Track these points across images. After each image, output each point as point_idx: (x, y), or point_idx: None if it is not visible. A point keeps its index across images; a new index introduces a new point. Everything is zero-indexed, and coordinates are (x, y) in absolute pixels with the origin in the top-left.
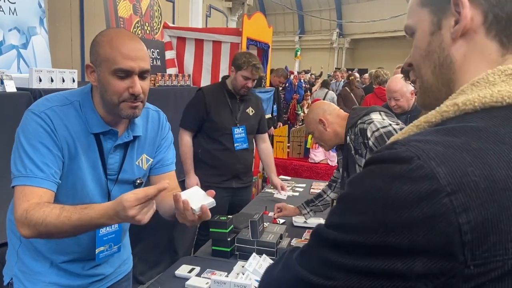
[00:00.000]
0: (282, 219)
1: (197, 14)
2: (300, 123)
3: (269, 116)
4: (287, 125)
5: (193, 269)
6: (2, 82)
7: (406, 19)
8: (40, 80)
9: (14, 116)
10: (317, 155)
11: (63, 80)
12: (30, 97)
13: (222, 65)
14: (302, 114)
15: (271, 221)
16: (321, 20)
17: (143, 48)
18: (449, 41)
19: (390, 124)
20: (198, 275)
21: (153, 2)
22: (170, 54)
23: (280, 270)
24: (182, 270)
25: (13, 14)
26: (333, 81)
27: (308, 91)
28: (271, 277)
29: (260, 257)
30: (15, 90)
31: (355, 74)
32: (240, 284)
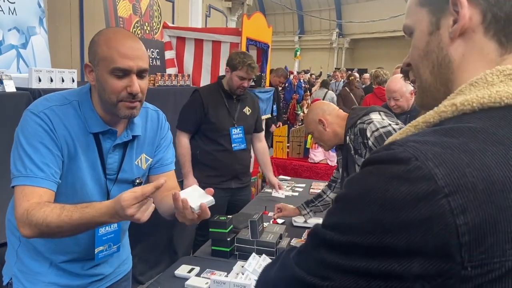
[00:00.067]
0: (282, 219)
1: (197, 14)
2: (300, 123)
3: (269, 116)
4: (287, 125)
5: (193, 269)
6: (2, 82)
7: (405, 19)
8: (40, 80)
9: (14, 116)
10: (317, 155)
11: (63, 80)
12: (30, 97)
13: (222, 65)
14: (302, 114)
15: (271, 221)
16: (321, 20)
17: (141, 47)
18: (448, 41)
19: (390, 124)
20: (198, 275)
21: (153, 2)
22: (170, 54)
23: (278, 270)
24: (182, 270)
25: (13, 14)
26: (333, 81)
27: (308, 91)
28: (268, 277)
29: (260, 257)
30: (15, 90)
31: (355, 74)
32: (240, 284)
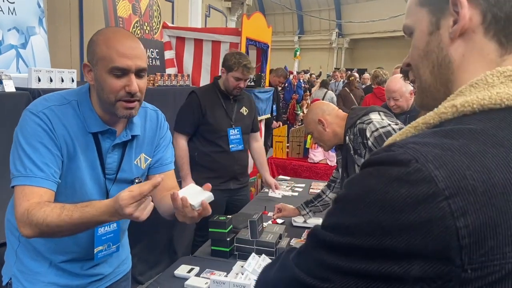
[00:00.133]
0: (281, 219)
1: (197, 14)
2: (299, 123)
3: (268, 116)
4: (287, 125)
5: (192, 269)
6: (1, 82)
7: (405, 19)
8: (39, 80)
9: (13, 116)
10: (317, 155)
11: (62, 80)
12: (29, 97)
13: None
14: (301, 114)
15: (271, 221)
16: (321, 20)
17: (140, 47)
18: (448, 41)
19: (389, 124)
20: (197, 275)
21: (152, 2)
22: (169, 54)
23: (277, 270)
24: (181, 270)
25: (12, 14)
26: (332, 81)
27: (307, 91)
28: (268, 277)
29: (259, 257)
30: (14, 90)
31: (355, 75)
32: (239, 284)
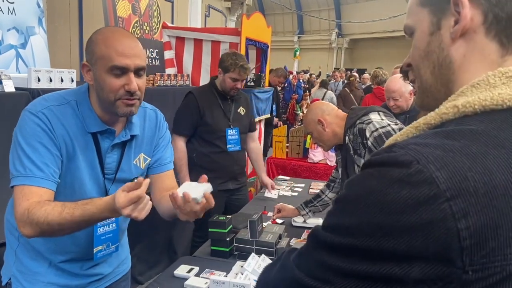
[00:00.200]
0: (281, 219)
1: (196, 14)
2: (299, 123)
3: (268, 116)
4: (286, 125)
5: (192, 269)
6: (1, 82)
7: (406, 19)
8: (39, 80)
9: (13, 116)
10: (316, 155)
11: (62, 80)
12: (29, 97)
13: None
14: (301, 114)
15: (270, 221)
16: (320, 20)
17: (138, 46)
18: (449, 41)
19: (389, 124)
20: (197, 275)
21: (152, 2)
22: (169, 54)
23: (278, 271)
24: (181, 270)
25: (12, 14)
26: (332, 81)
27: (307, 91)
28: (269, 278)
29: (259, 257)
30: (14, 90)
31: (356, 75)
32: (239, 284)
